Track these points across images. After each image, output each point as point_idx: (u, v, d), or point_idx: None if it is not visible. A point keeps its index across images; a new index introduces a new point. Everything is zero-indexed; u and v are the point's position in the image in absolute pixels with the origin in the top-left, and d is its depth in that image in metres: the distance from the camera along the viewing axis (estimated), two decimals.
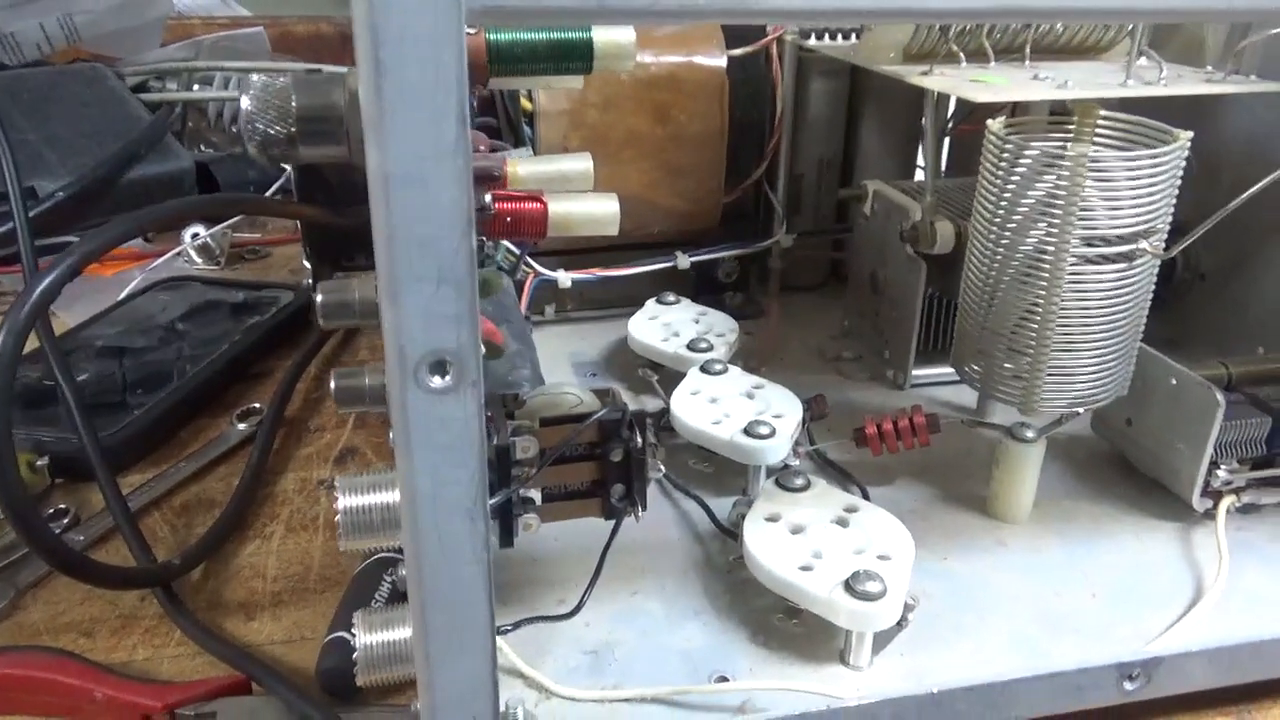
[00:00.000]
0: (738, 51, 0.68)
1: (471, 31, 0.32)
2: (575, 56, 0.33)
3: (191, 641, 0.45)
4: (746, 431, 0.50)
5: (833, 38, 0.70)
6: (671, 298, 0.68)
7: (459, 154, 0.24)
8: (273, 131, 0.26)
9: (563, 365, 0.68)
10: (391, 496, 0.31)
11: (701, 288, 0.74)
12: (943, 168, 0.78)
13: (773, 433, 0.50)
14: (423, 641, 0.30)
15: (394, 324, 0.26)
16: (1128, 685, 0.38)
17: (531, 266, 0.68)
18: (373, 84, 0.23)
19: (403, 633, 0.33)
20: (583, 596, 0.41)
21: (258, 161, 0.25)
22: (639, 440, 0.38)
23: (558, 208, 0.37)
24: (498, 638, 0.38)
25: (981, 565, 0.47)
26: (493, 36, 0.32)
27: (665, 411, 0.55)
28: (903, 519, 0.44)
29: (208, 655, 0.45)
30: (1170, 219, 0.46)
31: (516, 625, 0.41)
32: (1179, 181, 0.45)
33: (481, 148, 0.35)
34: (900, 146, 0.77)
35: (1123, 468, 0.54)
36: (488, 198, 0.36)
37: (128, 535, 0.51)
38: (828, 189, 0.77)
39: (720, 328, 0.64)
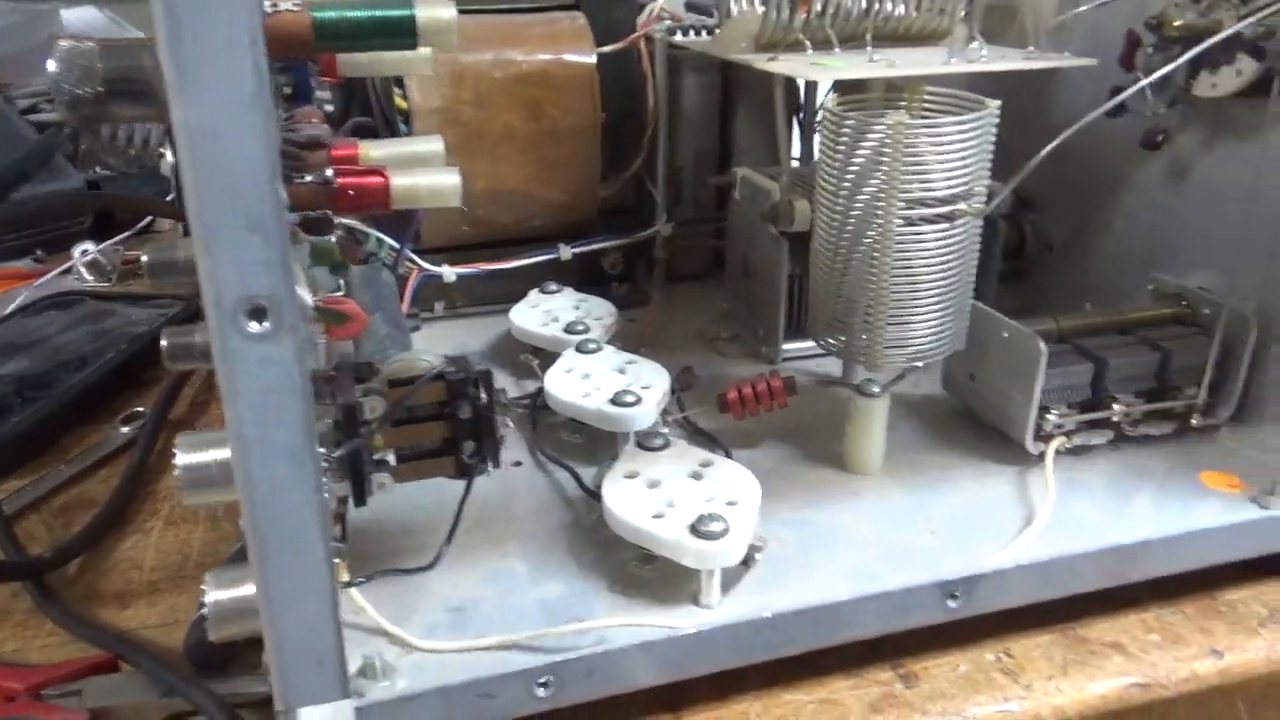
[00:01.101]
0: (607, 49, 0.71)
1: (296, 9, 0.34)
2: (399, 33, 0.35)
3: (63, 631, 0.46)
4: (614, 401, 0.53)
5: (698, 34, 0.73)
6: (554, 287, 0.70)
7: (257, 107, 0.26)
8: (80, 92, 0.28)
9: None
10: (228, 451, 0.32)
11: (588, 280, 0.77)
12: (816, 155, 0.82)
13: (638, 401, 0.53)
14: (262, 585, 0.31)
15: (209, 271, 0.27)
16: (950, 603, 0.41)
17: (415, 262, 0.69)
18: (170, 42, 0.25)
19: (252, 588, 0.34)
20: (439, 550, 0.43)
21: (68, 122, 0.26)
22: (485, 397, 0.40)
23: (400, 181, 0.39)
24: (359, 596, 0.40)
25: (833, 513, 0.50)
26: (318, 14, 0.34)
27: (542, 390, 0.57)
28: (763, 477, 0.47)
29: (80, 644, 0.45)
30: (986, 180, 0.49)
31: (370, 577, 0.42)
32: (991, 146, 0.49)
33: (314, 120, 0.37)
34: (774, 135, 0.80)
35: (969, 421, 0.58)
36: (329, 172, 0.38)
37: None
38: (706, 179, 0.80)
39: (599, 312, 0.67)
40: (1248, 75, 0.51)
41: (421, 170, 0.40)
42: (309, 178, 0.37)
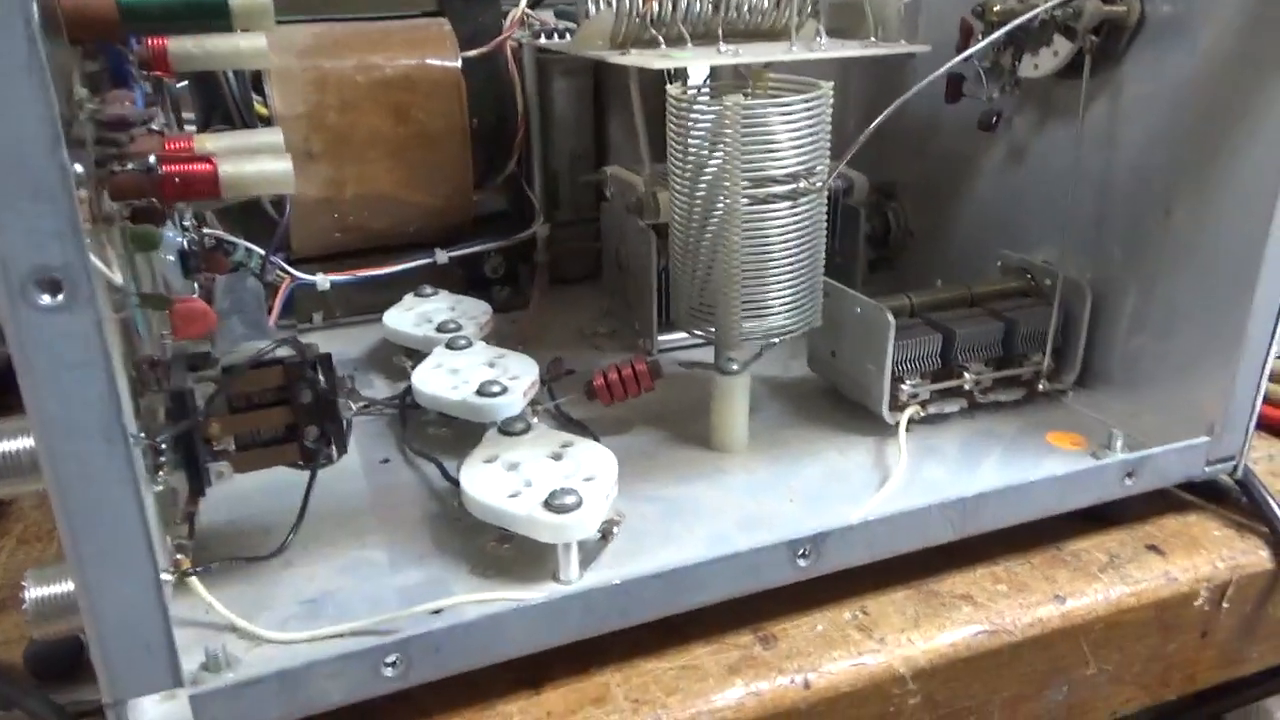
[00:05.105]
0: (472, 53, 0.71)
1: None
2: (211, 13, 0.35)
3: None
4: (479, 392, 0.53)
5: (561, 37, 0.74)
6: (429, 290, 0.70)
7: (34, 72, 0.26)
8: None
9: None
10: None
11: (471, 285, 0.77)
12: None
13: (504, 391, 0.53)
14: (78, 572, 0.31)
15: None
16: (801, 562, 0.42)
17: (284, 269, 0.69)
18: None
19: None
20: (286, 538, 0.42)
21: None
22: (325, 381, 0.39)
23: (229, 168, 0.39)
24: (205, 592, 0.39)
25: (696, 488, 0.51)
26: None
27: (411, 388, 0.57)
28: (631, 459, 0.48)
29: None
30: (826, 159, 0.51)
31: (210, 566, 0.41)
32: (829, 125, 0.51)
33: (127, 104, 0.37)
34: (648, 135, 0.82)
35: (835, 398, 0.59)
36: (152, 159, 0.37)
37: None
38: (583, 181, 0.81)
39: (473, 311, 0.67)
40: (1063, 55, 0.55)
41: (253, 158, 0.40)
42: (131, 165, 0.37)
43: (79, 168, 0.28)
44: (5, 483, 0.31)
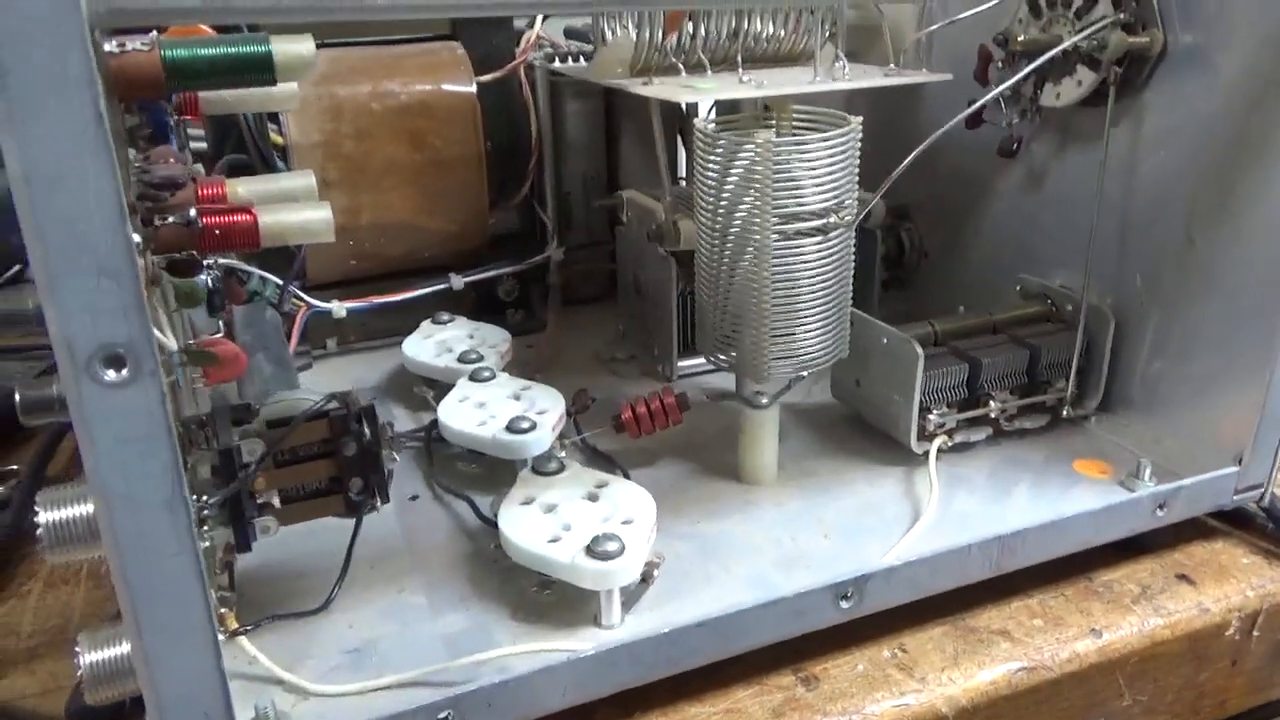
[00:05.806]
0: (486, 77, 0.71)
1: (145, 48, 0.33)
2: (256, 69, 0.34)
3: None
4: (509, 428, 0.53)
5: (576, 60, 0.74)
6: (446, 317, 0.70)
7: (100, 150, 0.25)
8: None
9: None
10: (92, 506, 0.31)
11: (484, 308, 0.77)
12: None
13: (534, 427, 0.53)
14: (139, 642, 0.30)
15: (58, 320, 0.26)
16: (844, 604, 0.42)
17: (301, 299, 0.68)
18: None
19: (128, 646, 0.33)
20: (331, 592, 0.42)
21: None
22: (370, 432, 0.39)
23: (269, 218, 0.38)
24: (250, 645, 0.39)
25: (729, 523, 0.51)
26: (168, 53, 0.33)
27: (436, 422, 0.56)
28: (661, 493, 0.48)
29: None
30: (855, 193, 0.51)
31: (258, 624, 0.41)
32: (857, 160, 0.51)
33: (170, 160, 0.36)
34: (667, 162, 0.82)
35: (859, 426, 0.60)
36: (192, 212, 0.37)
37: None
38: (595, 203, 0.81)
39: (493, 339, 0.67)
40: (1087, 85, 0.55)
41: (291, 206, 0.39)
42: (171, 219, 0.36)
43: (137, 237, 0.28)
44: (64, 550, 0.31)
